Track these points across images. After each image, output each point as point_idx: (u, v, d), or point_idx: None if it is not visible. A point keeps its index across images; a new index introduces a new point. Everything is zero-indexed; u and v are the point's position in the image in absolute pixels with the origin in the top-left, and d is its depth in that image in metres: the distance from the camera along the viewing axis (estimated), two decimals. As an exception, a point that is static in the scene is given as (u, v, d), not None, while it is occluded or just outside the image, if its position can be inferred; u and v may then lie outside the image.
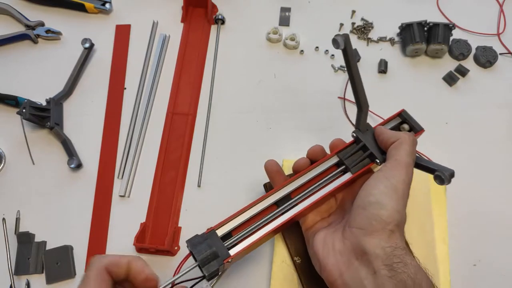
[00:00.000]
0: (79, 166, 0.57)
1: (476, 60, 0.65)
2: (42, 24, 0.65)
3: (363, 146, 0.42)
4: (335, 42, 0.37)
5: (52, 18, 0.66)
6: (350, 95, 0.61)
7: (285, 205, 0.40)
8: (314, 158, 0.43)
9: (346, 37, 0.37)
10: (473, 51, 0.65)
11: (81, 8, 0.66)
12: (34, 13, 0.67)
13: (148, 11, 0.68)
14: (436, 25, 0.62)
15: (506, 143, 0.59)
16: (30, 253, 0.51)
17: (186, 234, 0.53)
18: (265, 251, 0.52)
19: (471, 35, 0.67)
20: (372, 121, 0.60)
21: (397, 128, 0.45)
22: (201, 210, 0.55)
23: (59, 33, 0.65)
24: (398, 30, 0.66)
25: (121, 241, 0.53)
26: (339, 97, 0.61)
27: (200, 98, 0.62)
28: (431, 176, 0.54)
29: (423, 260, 0.49)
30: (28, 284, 0.50)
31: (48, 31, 0.65)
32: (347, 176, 0.42)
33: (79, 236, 0.53)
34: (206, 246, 0.36)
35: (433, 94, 0.63)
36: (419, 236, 0.51)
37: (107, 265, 0.33)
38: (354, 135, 0.43)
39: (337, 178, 0.42)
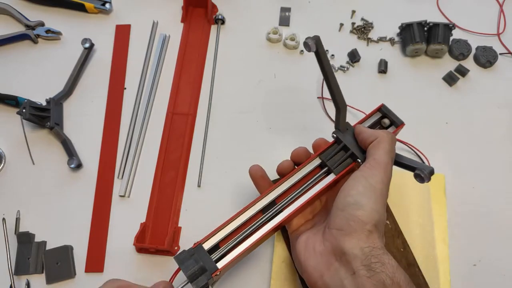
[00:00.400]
0: (79, 166, 0.57)
1: (476, 60, 0.65)
2: (42, 24, 0.65)
3: (344, 147, 0.42)
4: (306, 45, 0.37)
5: (52, 18, 0.66)
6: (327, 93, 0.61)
7: (270, 212, 0.40)
8: (298, 160, 0.43)
9: (317, 39, 0.37)
10: (473, 51, 0.65)
11: (81, 8, 0.66)
12: (34, 13, 0.67)
13: (148, 11, 0.68)
14: (436, 25, 0.62)
15: (506, 143, 0.59)
16: (30, 253, 0.51)
17: (186, 234, 0.53)
18: (265, 251, 0.52)
19: (471, 35, 0.67)
20: (355, 118, 0.61)
21: (378, 123, 0.45)
22: (201, 210, 0.55)
23: (59, 33, 0.65)
24: (398, 30, 0.66)
25: (121, 241, 0.53)
26: (318, 97, 0.62)
27: (200, 98, 0.62)
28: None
29: (423, 260, 0.50)
30: (28, 284, 0.50)
31: (48, 31, 0.65)
32: (331, 177, 0.42)
33: (79, 236, 0.53)
34: (194, 261, 0.36)
35: (433, 94, 0.63)
36: (419, 236, 0.51)
37: None
38: (335, 135, 0.43)
39: (321, 180, 0.42)
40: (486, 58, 0.64)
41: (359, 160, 0.41)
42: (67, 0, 0.66)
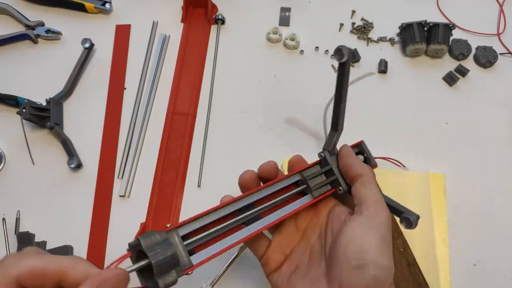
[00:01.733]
0: (79, 166, 0.57)
1: (476, 60, 0.65)
2: (42, 24, 0.65)
3: (329, 171, 0.39)
4: (339, 52, 0.34)
5: (52, 18, 0.66)
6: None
7: (247, 214, 0.36)
8: (266, 177, 0.39)
9: (351, 51, 0.34)
10: (473, 51, 0.65)
11: (81, 8, 0.66)
12: (34, 13, 0.67)
13: (148, 11, 0.68)
14: (436, 25, 0.62)
15: (506, 143, 0.59)
16: (30, 253, 0.51)
17: (186, 234, 0.53)
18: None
19: (471, 35, 0.67)
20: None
21: None
22: (201, 210, 0.55)
23: (59, 33, 0.65)
24: (398, 30, 0.66)
25: (121, 241, 0.53)
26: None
27: (200, 98, 0.62)
28: (431, 176, 0.54)
29: (423, 260, 0.50)
30: None
31: (48, 31, 0.65)
32: (308, 198, 0.38)
33: (79, 236, 0.53)
34: (164, 249, 0.28)
35: (433, 94, 0.63)
36: (419, 236, 0.51)
37: (20, 275, 0.23)
38: (322, 155, 0.40)
39: (296, 199, 0.38)
40: (486, 58, 0.64)
41: (341, 188, 0.38)
42: (67, 0, 0.66)
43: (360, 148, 0.43)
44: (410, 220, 0.36)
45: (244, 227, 0.35)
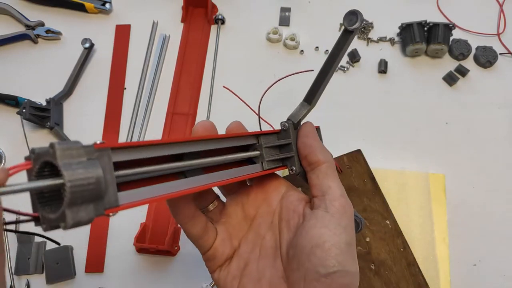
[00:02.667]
0: (79, 166, 0.56)
1: (476, 60, 0.65)
2: (42, 24, 0.65)
3: (287, 145, 0.34)
4: (351, 16, 0.30)
5: (52, 18, 0.66)
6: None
7: (190, 163, 0.28)
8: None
9: (362, 17, 0.30)
10: (473, 51, 0.65)
11: (81, 8, 0.66)
12: (34, 13, 0.67)
13: (148, 11, 0.68)
14: (436, 25, 0.62)
15: (506, 143, 0.59)
16: (30, 253, 0.51)
17: (186, 234, 0.53)
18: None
19: (471, 35, 0.67)
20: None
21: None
22: (201, 210, 0.55)
23: (59, 33, 0.65)
24: (398, 30, 0.66)
25: (121, 241, 0.53)
26: (224, 86, 0.61)
27: (200, 98, 0.62)
28: (431, 176, 0.54)
29: (423, 260, 0.50)
30: (28, 284, 0.50)
31: (48, 31, 0.65)
32: (256, 168, 0.32)
33: (79, 236, 0.53)
34: (89, 169, 0.20)
35: (433, 94, 0.63)
36: (419, 236, 0.51)
37: None
38: (286, 125, 0.34)
39: (243, 165, 0.32)
40: (486, 58, 0.64)
41: (294, 168, 0.33)
42: (67, 0, 0.66)
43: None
44: (358, 223, 0.33)
45: (183, 178, 0.28)
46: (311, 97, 0.35)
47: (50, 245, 0.53)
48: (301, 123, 0.35)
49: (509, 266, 0.52)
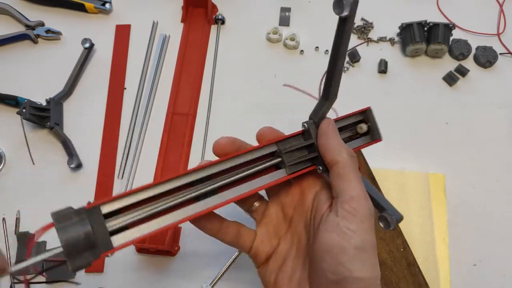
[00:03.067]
0: (79, 166, 0.57)
1: (476, 60, 0.65)
2: (42, 24, 0.65)
3: (311, 145, 0.33)
4: (338, 4, 0.29)
5: (52, 18, 0.66)
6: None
7: (202, 187, 0.30)
8: (233, 148, 0.33)
9: (355, 4, 0.29)
10: (473, 51, 0.65)
11: (81, 8, 0.66)
12: (34, 13, 0.67)
13: (148, 11, 0.68)
14: (436, 25, 0.62)
15: (506, 143, 0.59)
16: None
17: (186, 234, 0.53)
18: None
19: (471, 35, 0.67)
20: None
21: (352, 126, 0.38)
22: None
23: (59, 33, 0.65)
24: (398, 30, 0.66)
25: (121, 241, 0.53)
26: (284, 85, 0.61)
27: (200, 98, 0.62)
28: (431, 176, 0.55)
29: (423, 260, 0.50)
30: (28, 284, 0.50)
31: (48, 31, 0.65)
32: (281, 174, 0.33)
33: (79, 236, 0.53)
34: (80, 226, 0.26)
35: (433, 94, 0.63)
36: (419, 236, 0.51)
37: None
38: (306, 126, 0.34)
39: (269, 172, 0.33)
40: (486, 58, 0.64)
41: (320, 168, 0.33)
42: (67, 0, 0.66)
43: (365, 116, 0.37)
44: (388, 221, 0.32)
45: (196, 202, 0.30)
46: (327, 93, 0.34)
47: (50, 245, 0.53)
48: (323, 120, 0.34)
49: (509, 266, 0.52)
